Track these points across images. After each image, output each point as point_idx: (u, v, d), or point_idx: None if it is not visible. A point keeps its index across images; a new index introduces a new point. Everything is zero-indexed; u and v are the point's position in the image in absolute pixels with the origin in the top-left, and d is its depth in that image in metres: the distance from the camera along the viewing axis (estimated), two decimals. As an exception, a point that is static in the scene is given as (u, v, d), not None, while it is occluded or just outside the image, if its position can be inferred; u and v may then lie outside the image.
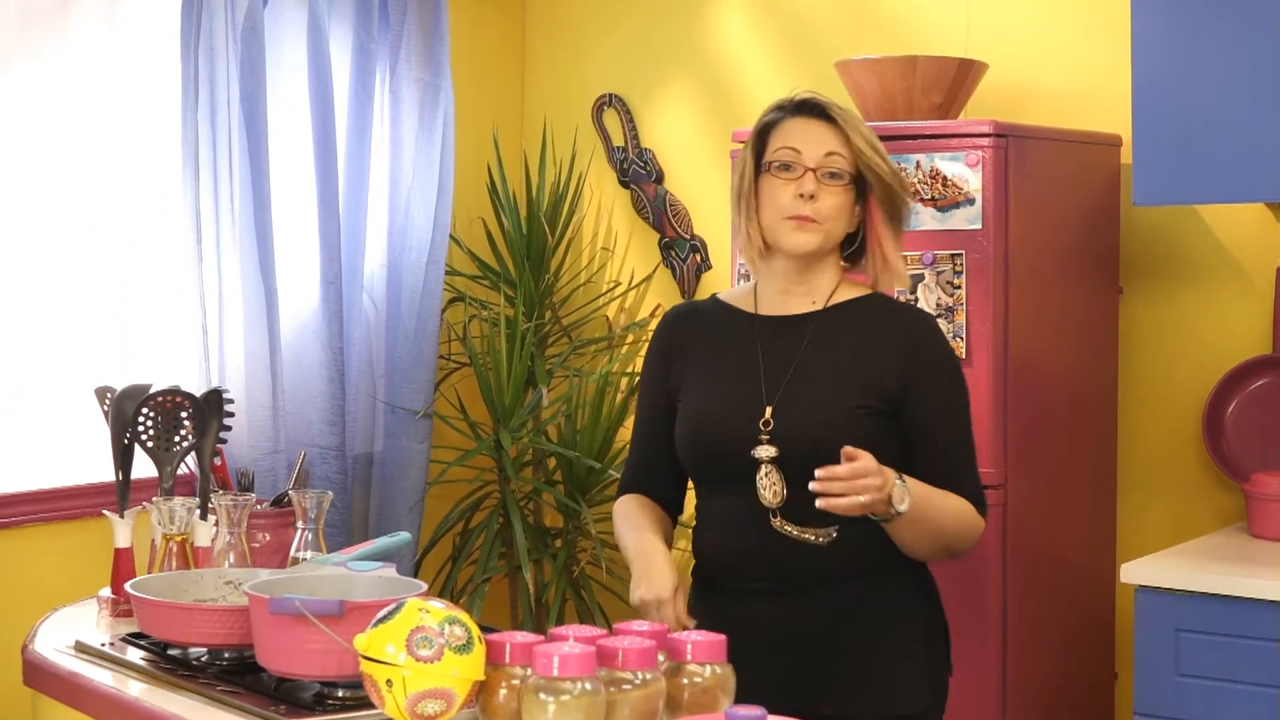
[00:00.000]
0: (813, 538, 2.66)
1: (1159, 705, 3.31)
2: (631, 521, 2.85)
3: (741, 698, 2.47)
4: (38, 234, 4.06)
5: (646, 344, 4.80)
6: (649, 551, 2.75)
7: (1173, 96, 3.52)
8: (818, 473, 2.51)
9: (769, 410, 2.71)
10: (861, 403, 2.69)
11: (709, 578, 2.83)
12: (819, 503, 2.51)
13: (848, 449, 2.52)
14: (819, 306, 2.78)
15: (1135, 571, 3.36)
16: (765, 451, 2.68)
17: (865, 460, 2.51)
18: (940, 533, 2.68)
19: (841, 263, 2.82)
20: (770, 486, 2.68)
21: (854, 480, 2.50)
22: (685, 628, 2.64)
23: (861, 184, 2.75)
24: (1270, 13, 3.40)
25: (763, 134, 2.79)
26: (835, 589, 2.71)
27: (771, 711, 2.43)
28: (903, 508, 2.57)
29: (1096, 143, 3.94)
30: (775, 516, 2.68)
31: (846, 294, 2.79)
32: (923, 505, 2.62)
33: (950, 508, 2.69)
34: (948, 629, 2.86)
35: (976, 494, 2.74)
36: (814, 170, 2.71)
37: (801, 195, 2.70)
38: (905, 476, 2.60)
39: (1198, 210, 3.95)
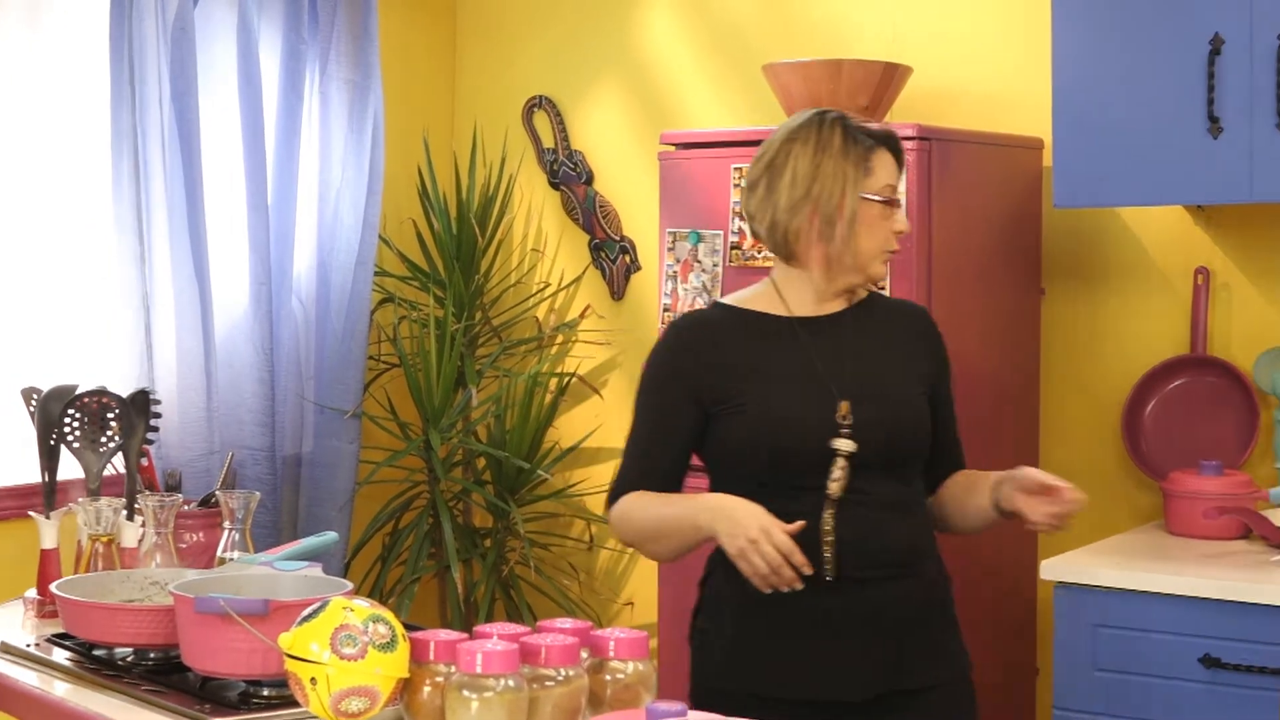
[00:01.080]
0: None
1: (1078, 700, 3.36)
2: (658, 499, 2.84)
3: (822, 689, 2.73)
4: (-36, 234, 4.05)
5: (575, 344, 4.88)
6: (713, 502, 2.75)
7: (1092, 100, 3.57)
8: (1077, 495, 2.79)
9: (845, 405, 2.78)
10: (920, 390, 2.87)
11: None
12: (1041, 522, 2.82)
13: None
14: (845, 306, 2.89)
15: (1054, 568, 3.41)
16: (843, 445, 2.76)
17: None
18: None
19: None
20: (840, 479, 2.76)
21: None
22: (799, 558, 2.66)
23: None
24: (1187, 18, 3.46)
25: (866, 159, 2.82)
26: (910, 571, 2.82)
27: (864, 696, 2.73)
28: None
29: (1018, 146, 3.99)
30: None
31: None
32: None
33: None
34: None
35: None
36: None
37: (898, 233, 2.84)
38: None
39: (1118, 212, 4.00)
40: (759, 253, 3.83)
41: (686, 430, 2.86)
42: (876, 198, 2.80)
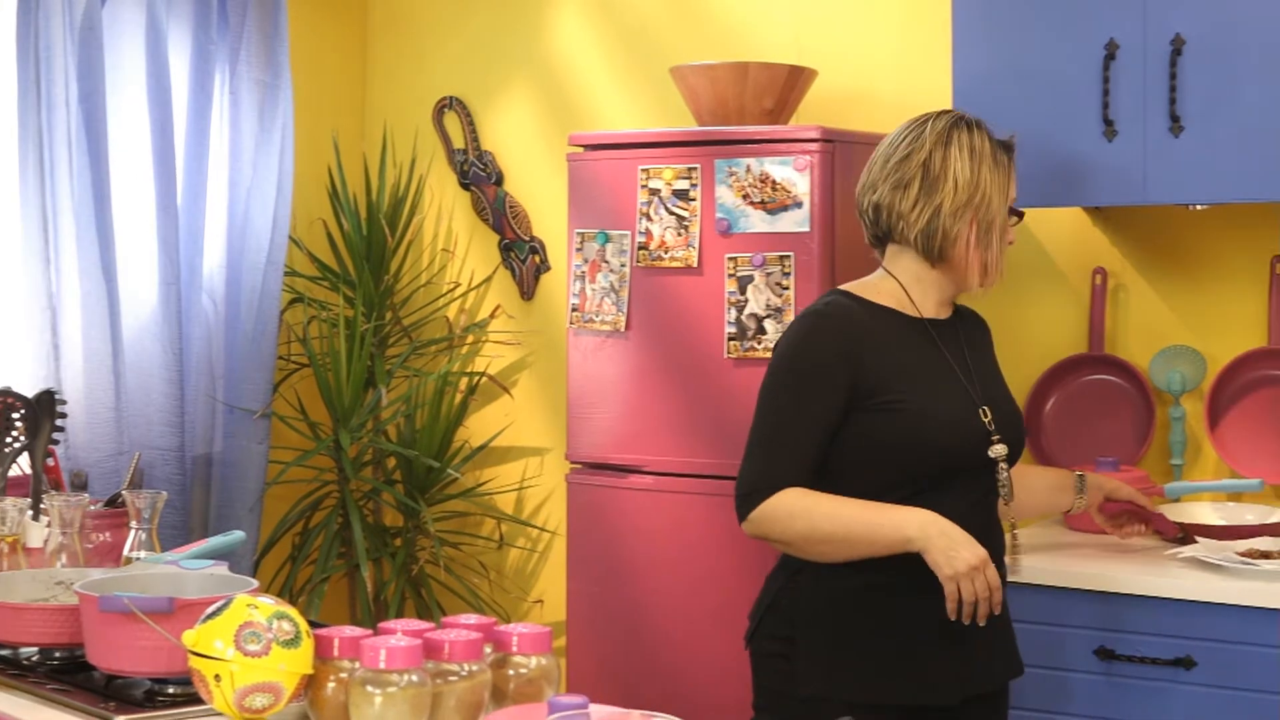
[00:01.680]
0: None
1: (979, 693, 3.42)
2: (840, 501, 2.77)
3: (929, 689, 2.82)
4: None
5: (485, 343, 4.90)
6: (928, 519, 2.72)
7: (991, 104, 3.60)
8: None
9: (987, 411, 2.87)
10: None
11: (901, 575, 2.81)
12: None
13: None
14: (950, 313, 2.99)
15: (955, 563, 3.46)
16: (999, 450, 2.86)
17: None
18: None
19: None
20: (1008, 484, 2.89)
21: None
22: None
23: None
24: (1083, 22, 3.52)
25: (1009, 169, 2.94)
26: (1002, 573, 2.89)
27: (952, 698, 2.80)
28: None
29: (921, 148, 4.04)
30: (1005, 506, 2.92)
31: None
32: None
33: None
34: None
35: None
36: None
37: (1010, 244, 2.98)
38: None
39: (1019, 214, 4.07)
40: (665, 254, 3.86)
41: (834, 421, 2.79)
42: (1018, 209, 2.96)
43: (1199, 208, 3.77)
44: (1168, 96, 3.42)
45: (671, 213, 3.86)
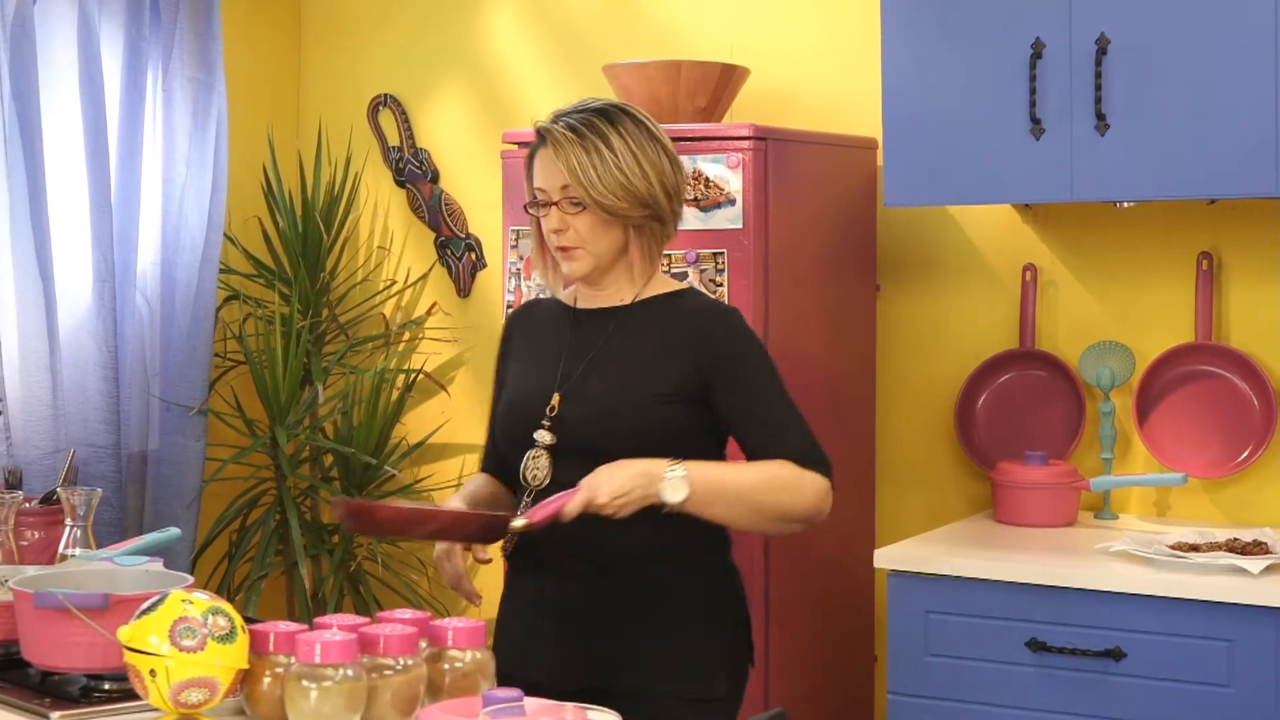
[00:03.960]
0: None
1: (911, 684, 3.45)
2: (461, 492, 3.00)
3: (531, 673, 2.65)
4: None
5: (422, 340, 4.91)
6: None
7: (920, 102, 3.67)
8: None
9: (557, 397, 2.85)
10: (658, 391, 2.83)
11: (513, 555, 2.93)
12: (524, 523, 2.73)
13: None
14: (626, 302, 2.92)
15: (887, 557, 3.50)
16: (544, 437, 2.84)
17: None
18: (755, 504, 2.81)
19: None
20: (534, 470, 2.84)
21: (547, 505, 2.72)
22: (467, 588, 2.85)
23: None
24: (1009, 22, 3.55)
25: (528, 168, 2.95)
26: (633, 571, 2.82)
27: (565, 687, 2.61)
28: (677, 498, 2.73)
29: (852, 146, 4.09)
30: (526, 499, 2.84)
31: (656, 289, 2.94)
32: (714, 486, 2.77)
33: (754, 478, 2.82)
34: (749, 621, 3.00)
35: (802, 452, 2.85)
36: (557, 203, 2.89)
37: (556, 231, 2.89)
38: (687, 464, 2.74)
39: (950, 211, 4.11)
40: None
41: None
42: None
43: (1126, 205, 3.82)
44: (1093, 95, 3.46)
45: (606, 210, 3.87)
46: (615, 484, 2.70)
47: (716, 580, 2.93)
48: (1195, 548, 3.35)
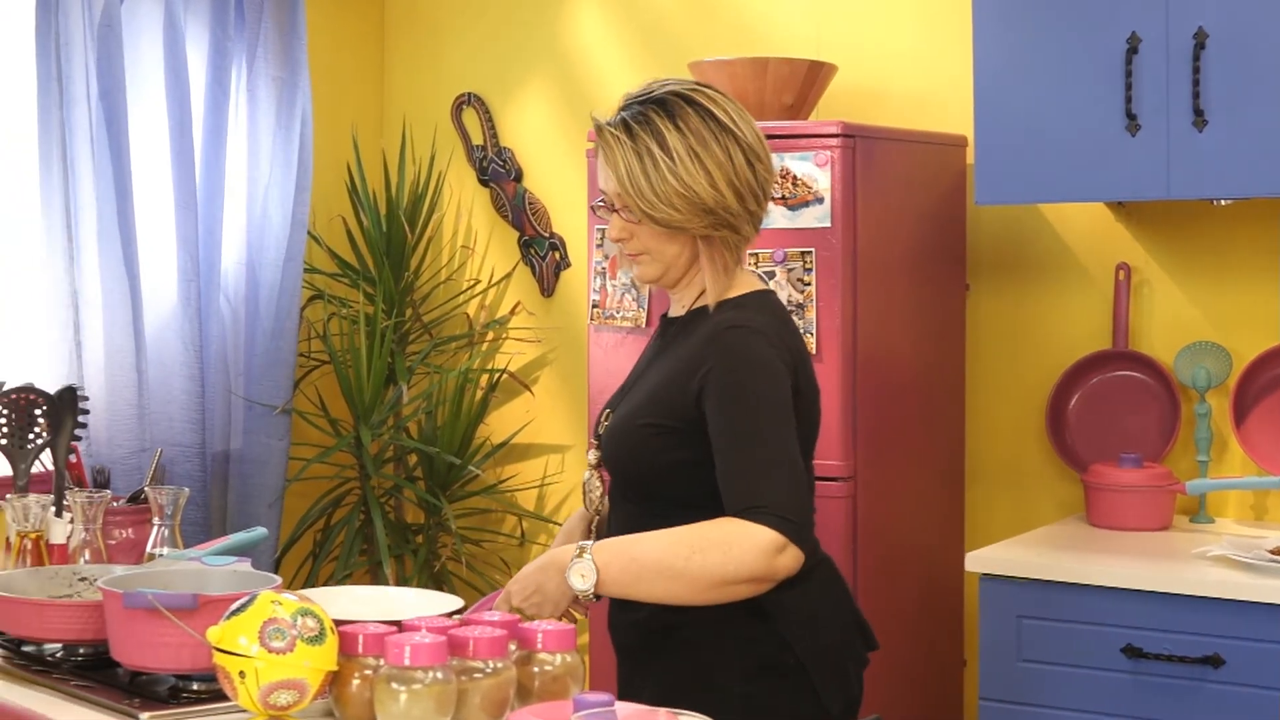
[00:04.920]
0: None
1: (1003, 690, 3.41)
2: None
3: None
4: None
5: (506, 340, 4.89)
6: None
7: (1013, 99, 3.62)
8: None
9: (607, 414, 2.74)
10: (649, 420, 2.58)
11: None
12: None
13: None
14: (678, 314, 2.70)
15: (979, 560, 3.45)
16: (592, 455, 2.76)
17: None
18: (679, 573, 2.43)
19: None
20: (590, 491, 2.77)
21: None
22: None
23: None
24: (1104, 17, 3.51)
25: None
26: (648, 606, 2.55)
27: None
28: (585, 585, 2.47)
29: (942, 143, 4.04)
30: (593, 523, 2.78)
31: (733, 291, 2.62)
32: (624, 562, 2.47)
33: (668, 543, 2.45)
34: (805, 669, 2.57)
35: (746, 503, 2.42)
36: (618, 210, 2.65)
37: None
38: (599, 544, 2.49)
39: (1041, 209, 4.06)
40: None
41: None
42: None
43: (1223, 202, 3.75)
44: (1191, 91, 3.40)
45: (693, 208, 3.84)
46: (520, 583, 2.52)
47: (738, 625, 2.54)
48: (1295, 553, 3.29)
